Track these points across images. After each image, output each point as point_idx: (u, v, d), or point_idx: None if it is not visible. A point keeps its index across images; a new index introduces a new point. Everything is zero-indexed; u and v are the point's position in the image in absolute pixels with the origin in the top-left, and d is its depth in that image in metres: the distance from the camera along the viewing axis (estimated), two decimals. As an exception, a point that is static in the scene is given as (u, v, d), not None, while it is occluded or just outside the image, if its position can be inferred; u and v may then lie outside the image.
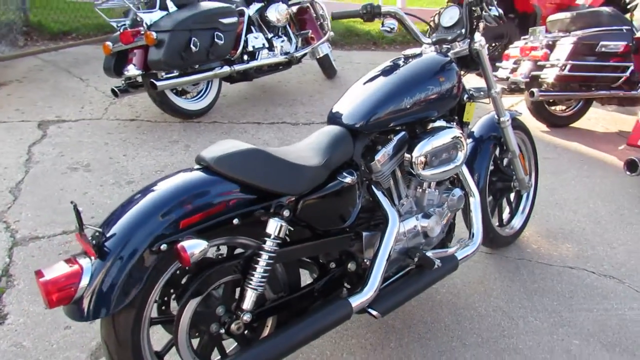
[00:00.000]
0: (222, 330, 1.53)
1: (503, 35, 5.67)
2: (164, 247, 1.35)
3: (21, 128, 3.55)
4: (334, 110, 1.92)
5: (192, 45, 3.43)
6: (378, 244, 1.77)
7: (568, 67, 3.87)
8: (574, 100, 4.35)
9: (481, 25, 2.13)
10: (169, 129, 3.73)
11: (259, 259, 1.51)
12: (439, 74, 1.94)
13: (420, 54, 2.05)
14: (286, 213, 1.54)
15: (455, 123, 2.11)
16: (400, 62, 2.01)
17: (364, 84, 1.98)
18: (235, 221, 1.47)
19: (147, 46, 3.42)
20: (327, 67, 5.02)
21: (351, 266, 1.83)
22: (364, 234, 1.81)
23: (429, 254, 1.89)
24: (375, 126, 1.82)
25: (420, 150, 1.85)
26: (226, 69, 3.86)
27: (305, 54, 4.54)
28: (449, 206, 2.10)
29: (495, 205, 2.56)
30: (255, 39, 4.09)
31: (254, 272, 1.51)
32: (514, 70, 4.30)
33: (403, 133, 1.91)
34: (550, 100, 4.30)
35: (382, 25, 2.25)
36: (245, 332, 1.57)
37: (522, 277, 2.46)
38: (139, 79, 3.66)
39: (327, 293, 1.78)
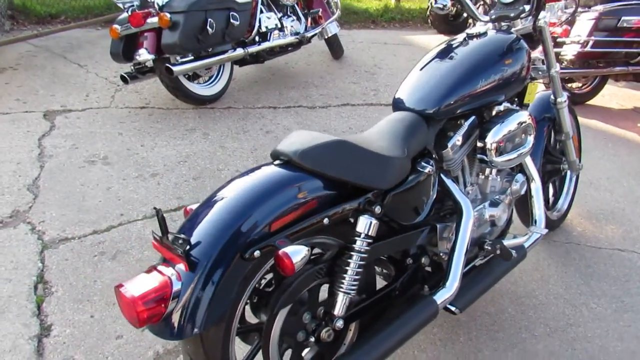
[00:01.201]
0: (312, 339, 1.42)
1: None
2: (257, 253, 1.23)
3: (27, 119, 3.32)
4: (400, 96, 1.79)
5: (208, 27, 3.24)
6: (454, 236, 1.67)
7: (590, 43, 3.79)
8: (591, 77, 4.29)
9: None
10: (182, 116, 3.55)
11: (349, 260, 1.40)
12: (510, 54, 1.83)
13: (485, 33, 1.92)
14: (377, 209, 1.42)
15: (516, 105, 2.02)
16: (465, 42, 1.88)
17: (428, 66, 1.84)
18: (326, 221, 1.35)
19: (159, 29, 3.22)
20: (335, 47, 4.85)
21: (425, 261, 1.73)
22: (438, 226, 1.71)
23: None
24: (448, 112, 1.70)
25: (495, 136, 1.75)
26: (240, 51, 3.67)
27: (315, 34, 4.37)
28: (512, 192, 2.01)
29: (543, 189, 2.48)
30: (268, 19, 3.90)
31: (344, 275, 1.40)
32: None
33: (473, 118, 1.80)
34: (566, 78, 4.23)
35: (436, 1, 2.12)
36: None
37: (574, 261, 2.40)
38: (148, 64, 3.46)
39: (405, 291, 1.68)
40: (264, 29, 3.86)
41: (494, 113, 1.85)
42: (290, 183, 1.33)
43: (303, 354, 1.46)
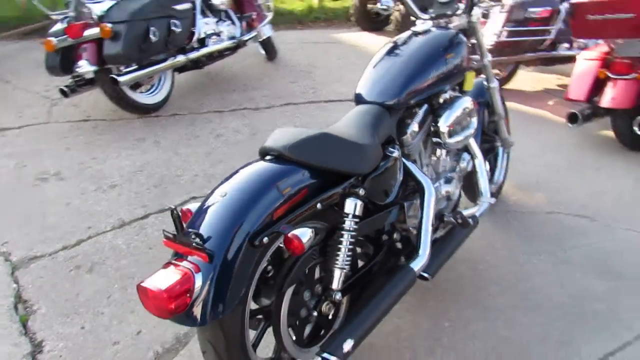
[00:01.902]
0: (315, 313, 1.57)
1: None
2: (265, 240, 1.36)
3: (-39, 142, 3.19)
4: (360, 91, 1.97)
5: (151, 35, 3.26)
6: (420, 212, 1.88)
7: (505, 33, 4.20)
8: (506, 64, 4.73)
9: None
10: (129, 126, 3.54)
11: (340, 239, 1.57)
12: (452, 47, 2.07)
13: (429, 30, 2.14)
14: (361, 192, 1.60)
15: (457, 92, 2.27)
16: (413, 39, 2.09)
17: (382, 62, 2.04)
18: (319, 206, 1.51)
19: (100, 39, 3.20)
20: (270, 49, 4.98)
21: (396, 236, 1.93)
22: (406, 204, 1.92)
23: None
24: (406, 102, 1.91)
25: (447, 121, 1.99)
26: (181, 57, 3.72)
27: (252, 37, 4.48)
28: (461, 170, 2.27)
29: (482, 165, 2.77)
30: (206, 25, 3.96)
31: (338, 252, 1.56)
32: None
33: (426, 106, 2.03)
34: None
35: (381, 3, 2.33)
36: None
37: (514, 227, 2.72)
38: (88, 76, 3.41)
39: (385, 265, 1.87)
40: (202, 35, 3.92)
41: (441, 101, 2.09)
42: (285, 175, 1.47)
43: (305, 330, 1.61)
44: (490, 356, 1.90)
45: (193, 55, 3.82)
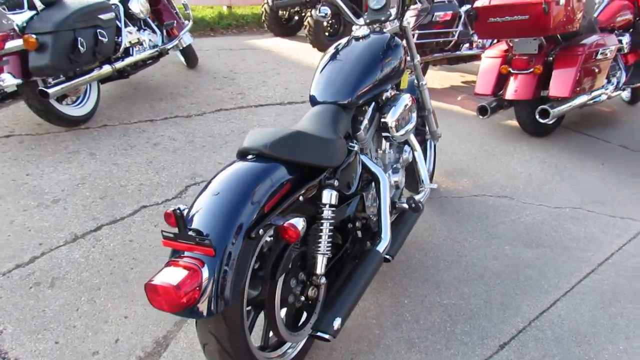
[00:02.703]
0: (303, 298, 1.70)
1: (339, 14, 6.23)
2: (261, 231, 1.47)
3: None
4: (314, 93, 2.12)
5: (79, 46, 3.17)
6: (378, 201, 2.08)
7: (415, 36, 4.56)
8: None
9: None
10: (58, 139, 3.40)
11: (321, 227, 1.71)
12: (393, 50, 2.28)
13: (368, 35, 2.34)
14: (336, 183, 1.75)
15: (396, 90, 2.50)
16: (355, 43, 2.28)
17: (330, 66, 2.20)
18: (301, 198, 1.64)
19: (23, 51, 3.05)
20: (190, 56, 4.97)
21: (358, 224, 2.10)
22: (364, 194, 2.10)
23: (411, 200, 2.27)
24: (358, 101, 2.09)
25: (393, 117, 2.20)
26: (107, 67, 3.63)
27: (174, 45, 4.46)
28: (404, 160, 2.50)
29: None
30: (130, 34, 3.89)
31: (320, 240, 1.70)
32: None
33: (373, 104, 2.23)
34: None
35: (319, 11, 2.50)
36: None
37: (448, 210, 3.01)
38: (8, 89, 3.23)
39: (352, 250, 2.04)
40: (127, 44, 3.85)
41: (384, 98, 2.30)
42: (270, 171, 1.58)
43: (294, 315, 1.74)
44: (447, 323, 2.14)
45: (119, 64, 3.75)
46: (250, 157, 1.64)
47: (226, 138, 3.67)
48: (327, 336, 1.59)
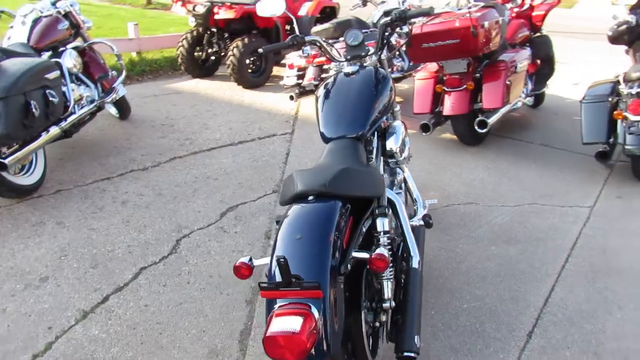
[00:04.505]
0: (377, 324, 1.77)
1: (257, 50, 6.34)
2: (348, 267, 1.54)
3: None
4: (325, 130, 2.21)
5: (33, 110, 2.96)
6: (398, 222, 2.21)
7: (349, 66, 4.82)
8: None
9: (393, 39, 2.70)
10: (14, 213, 3.12)
11: (382, 254, 1.80)
12: (386, 82, 2.46)
13: (358, 71, 2.48)
14: (388, 211, 1.86)
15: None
16: (349, 79, 2.41)
17: (332, 102, 2.31)
18: (364, 229, 1.73)
19: (-29, 122, 2.79)
20: (124, 108, 4.79)
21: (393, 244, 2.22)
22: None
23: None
24: (368, 132, 2.23)
25: (397, 142, 2.37)
26: (55, 129, 3.41)
27: (112, 98, 4.28)
28: (399, 181, 2.68)
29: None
30: (73, 91, 3.69)
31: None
32: (301, 77, 5.06)
33: (376, 134, 2.38)
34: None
35: (303, 52, 2.62)
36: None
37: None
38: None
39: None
40: (72, 102, 3.64)
41: (384, 127, 2.46)
42: (337, 209, 1.66)
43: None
44: (476, 325, 2.33)
45: (65, 124, 3.54)
46: (310, 198, 1.70)
47: (194, 186, 3.60)
48: (413, 354, 1.68)
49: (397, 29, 2.63)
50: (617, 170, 3.94)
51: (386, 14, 5.40)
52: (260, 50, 2.54)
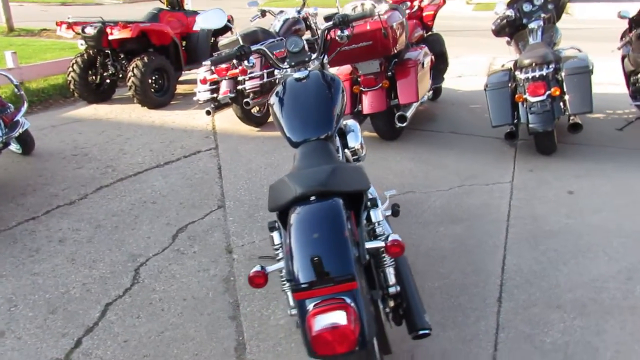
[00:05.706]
0: (387, 309, 1.85)
1: (161, 68, 6.13)
2: (368, 257, 1.61)
3: None
4: (291, 134, 2.25)
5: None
6: (373, 210, 2.31)
7: (265, 75, 4.86)
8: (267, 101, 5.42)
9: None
10: None
11: (380, 243, 1.89)
12: (338, 83, 2.55)
13: (308, 76, 2.54)
14: (378, 202, 1.95)
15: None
16: (301, 83, 2.45)
17: (293, 107, 2.36)
18: (364, 221, 1.80)
19: None
20: (28, 142, 4.39)
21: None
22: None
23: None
24: (334, 131, 2.32)
25: (357, 140, 2.49)
26: (-35, 172, 3.04)
27: (19, 132, 3.90)
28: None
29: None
30: (-22, 129, 3.31)
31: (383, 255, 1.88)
32: (215, 91, 5.00)
33: (336, 133, 2.47)
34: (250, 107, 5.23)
35: (248, 61, 2.65)
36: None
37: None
38: None
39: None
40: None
41: (342, 126, 2.56)
42: (340, 205, 1.72)
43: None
44: (452, 300, 2.51)
45: (-26, 165, 3.17)
46: (312, 198, 1.73)
47: (133, 213, 3.41)
48: (428, 331, 1.79)
49: (339, 32, 2.74)
50: (520, 147, 4.42)
51: (327, 18, 5.55)
52: (207, 62, 2.52)
